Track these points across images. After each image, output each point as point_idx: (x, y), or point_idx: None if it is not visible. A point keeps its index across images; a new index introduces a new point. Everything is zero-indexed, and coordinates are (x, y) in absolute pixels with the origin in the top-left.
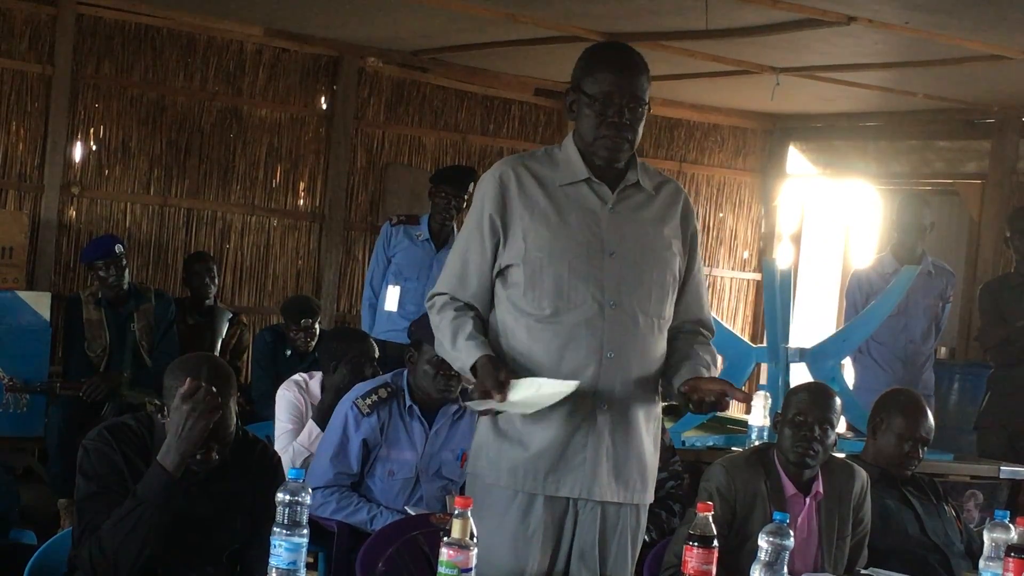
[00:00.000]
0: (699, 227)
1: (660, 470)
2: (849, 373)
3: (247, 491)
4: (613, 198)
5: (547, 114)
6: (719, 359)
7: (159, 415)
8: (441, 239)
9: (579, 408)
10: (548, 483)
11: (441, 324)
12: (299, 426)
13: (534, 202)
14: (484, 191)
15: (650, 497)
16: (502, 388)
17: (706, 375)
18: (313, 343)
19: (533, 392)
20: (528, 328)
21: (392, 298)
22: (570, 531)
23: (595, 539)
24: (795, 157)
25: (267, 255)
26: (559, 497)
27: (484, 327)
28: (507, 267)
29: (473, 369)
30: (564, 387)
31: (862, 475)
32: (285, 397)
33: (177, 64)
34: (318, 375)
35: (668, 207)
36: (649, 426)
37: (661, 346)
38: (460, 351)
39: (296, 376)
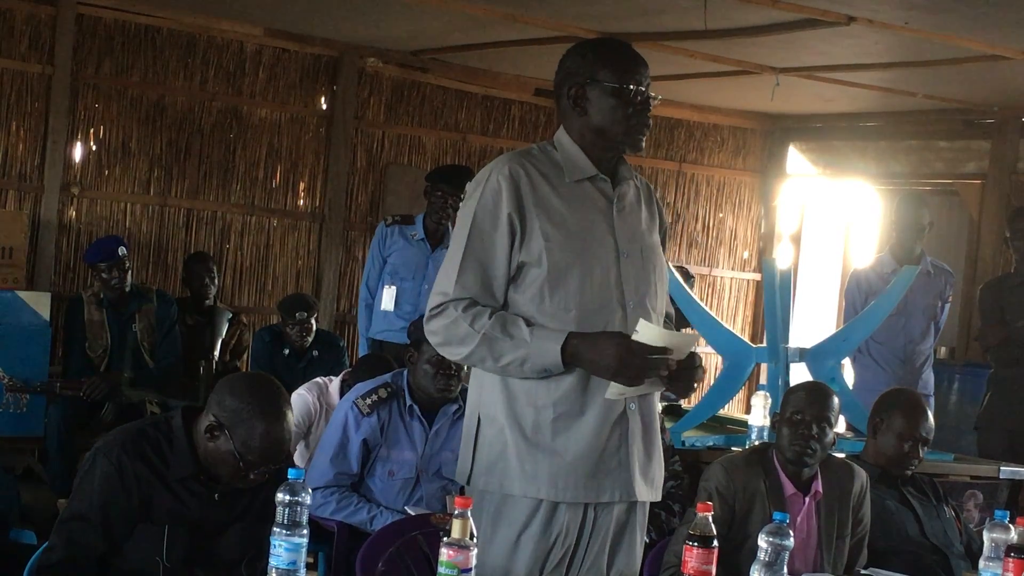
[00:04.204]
0: (698, 227)
1: None
2: (849, 373)
3: (256, 491)
4: (615, 195)
5: (547, 114)
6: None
7: (207, 435)
8: (437, 238)
9: (612, 410)
10: (590, 490)
11: (478, 326)
12: (303, 430)
13: (548, 200)
14: (495, 189)
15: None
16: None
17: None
18: (310, 338)
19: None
20: None
21: (388, 298)
22: (587, 533)
23: (608, 538)
24: (795, 157)
25: (267, 255)
26: (580, 502)
27: None
28: (522, 266)
29: (564, 354)
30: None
31: (861, 475)
32: (303, 398)
33: (177, 64)
34: (337, 380)
35: (648, 201)
36: (659, 424)
37: None
38: (535, 340)
39: (318, 379)
